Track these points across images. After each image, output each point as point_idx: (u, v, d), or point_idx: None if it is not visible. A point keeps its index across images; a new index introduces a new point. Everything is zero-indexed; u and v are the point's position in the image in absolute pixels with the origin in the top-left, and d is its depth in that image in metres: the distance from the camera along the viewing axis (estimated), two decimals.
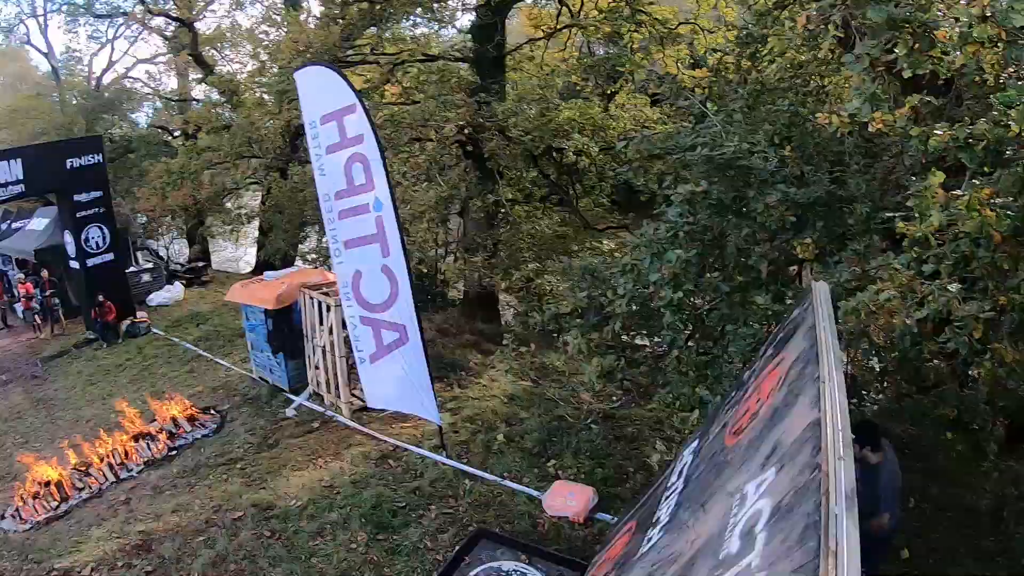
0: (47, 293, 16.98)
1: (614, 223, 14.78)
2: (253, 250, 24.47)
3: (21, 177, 14.39)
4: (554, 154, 13.12)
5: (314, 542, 6.92)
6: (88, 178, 15.77)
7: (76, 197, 15.62)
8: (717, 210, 5.75)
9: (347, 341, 9.12)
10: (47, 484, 8.73)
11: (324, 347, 9.58)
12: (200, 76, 23.66)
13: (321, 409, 9.78)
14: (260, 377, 11.22)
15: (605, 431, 8.49)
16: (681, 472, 4.18)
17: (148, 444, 9.54)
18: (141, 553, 7.06)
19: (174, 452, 9.40)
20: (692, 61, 12.97)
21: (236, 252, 28.50)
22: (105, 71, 26.19)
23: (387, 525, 7.05)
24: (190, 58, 23.08)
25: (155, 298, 18.55)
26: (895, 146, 5.58)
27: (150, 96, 27.01)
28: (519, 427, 8.85)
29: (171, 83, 27.19)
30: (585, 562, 5.93)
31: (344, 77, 7.97)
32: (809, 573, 1.62)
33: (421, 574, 6.42)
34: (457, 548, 6.46)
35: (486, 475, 7.85)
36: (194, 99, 25.53)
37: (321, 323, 9.62)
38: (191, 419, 10.12)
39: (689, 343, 5.93)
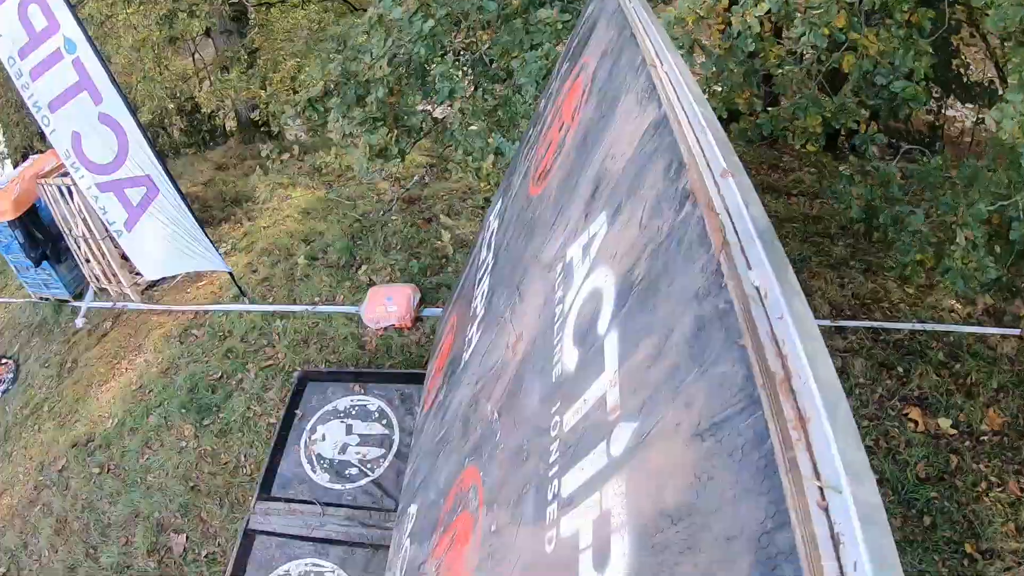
0: None
1: None
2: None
3: None
4: None
5: (143, 458, 6.24)
6: None
7: None
8: None
9: None
10: None
11: (83, 235, 8.05)
12: None
13: (110, 304, 8.43)
14: (41, 297, 9.31)
15: (412, 216, 7.60)
16: (489, 244, 3.30)
17: None
18: None
19: None
20: None
21: None
22: None
23: (209, 406, 6.37)
24: None
25: None
26: None
27: None
28: (320, 242, 7.76)
29: None
30: (423, 371, 5.25)
31: None
32: (760, 482, 0.69)
33: (259, 445, 5.89)
34: (286, 404, 5.61)
35: (295, 308, 6.92)
36: None
37: (71, 210, 8.07)
38: None
39: (476, 90, 4.88)
